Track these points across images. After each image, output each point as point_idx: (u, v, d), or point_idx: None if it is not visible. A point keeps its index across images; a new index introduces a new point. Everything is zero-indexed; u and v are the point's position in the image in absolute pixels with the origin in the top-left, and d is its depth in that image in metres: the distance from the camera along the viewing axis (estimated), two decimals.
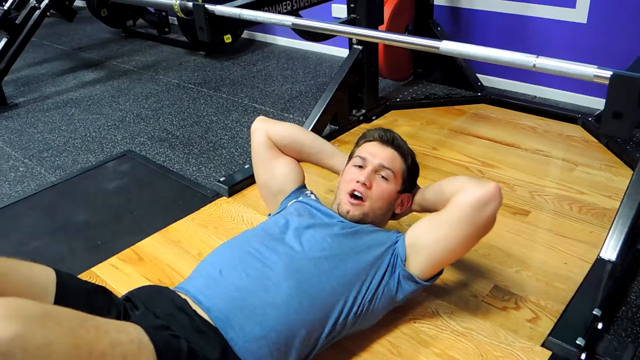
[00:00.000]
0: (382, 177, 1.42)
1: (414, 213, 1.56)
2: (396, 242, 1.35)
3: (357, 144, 1.54)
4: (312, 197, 1.56)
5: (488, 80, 3.01)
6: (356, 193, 1.40)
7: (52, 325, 0.82)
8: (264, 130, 1.62)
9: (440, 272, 1.36)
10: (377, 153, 1.45)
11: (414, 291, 1.33)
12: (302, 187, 1.61)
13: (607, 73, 1.09)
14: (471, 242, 1.29)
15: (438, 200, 1.39)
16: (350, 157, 1.53)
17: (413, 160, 1.50)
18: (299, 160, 1.65)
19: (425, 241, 1.30)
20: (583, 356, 1.27)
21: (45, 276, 1.06)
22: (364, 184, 1.39)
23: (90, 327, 0.87)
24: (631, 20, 2.45)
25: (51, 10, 3.57)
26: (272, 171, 1.60)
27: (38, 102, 3.27)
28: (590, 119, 2.41)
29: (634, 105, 1.06)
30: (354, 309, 1.24)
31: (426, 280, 1.32)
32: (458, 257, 1.37)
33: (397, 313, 1.40)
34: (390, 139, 1.48)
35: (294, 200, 1.53)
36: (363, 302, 1.26)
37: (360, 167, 1.44)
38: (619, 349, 1.33)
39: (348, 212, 1.40)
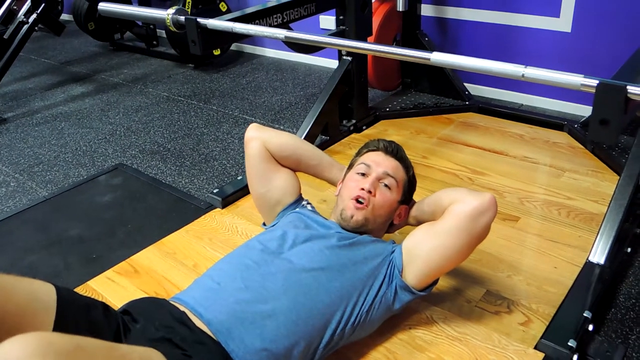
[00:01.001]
0: (385, 185, 1.43)
1: (408, 225, 1.56)
2: (392, 252, 1.37)
3: (359, 154, 1.54)
4: (309, 207, 1.56)
5: (475, 89, 3.06)
6: (360, 199, 1.40)
7: (85, 359, 0.81)
8: (261, 140, 1.58)
9: (436, 282, 1.38)
10: (381, 162, 1.46)
11: (410, 301, 1.35)
12: (300, 198, 1.60)
13: (594, 82, 1.12)
14: (467, 251, 1.32)
15: (434, 210, 1.40)
16: (351, 166, 1.53)
17: (413, 173, 1.53)
18: (295, 171, 1.62)
19: (421, 250, 1.31)
20: (575, 357, 1.30)
21: (45, 292, 1.06)
22: (368, 191, 1.40)
23: (118, 358, 0.87)
24: (614, 29, 2.51)
25: (39, 25, 3.57)
26: (270, 184, 1.57)
27: (27, 116, 3.26)
28: (576, 125, 2.45)
29: (620, 113, 1.09)
30: (352, 320, 1.26)
31: (422, 289, 1.34)
32: (453, 266, 1.39)
33: (392, 319, 1.41)
34: (394, 150, 1.49)
35: (291, 212, 1.53)
36: (360, 312, 1.27)
37: (364, 174, 1.45)
38: (609, 349, 1.36)
39: (352, 217, 1.39)
